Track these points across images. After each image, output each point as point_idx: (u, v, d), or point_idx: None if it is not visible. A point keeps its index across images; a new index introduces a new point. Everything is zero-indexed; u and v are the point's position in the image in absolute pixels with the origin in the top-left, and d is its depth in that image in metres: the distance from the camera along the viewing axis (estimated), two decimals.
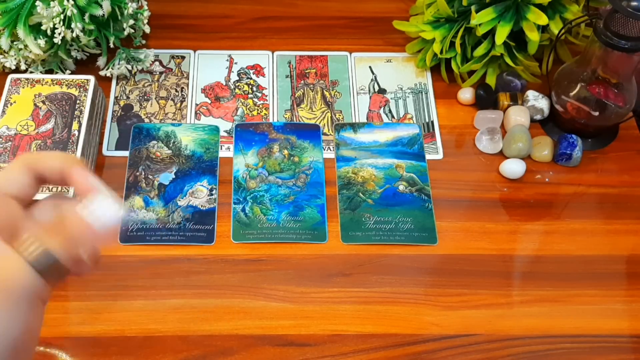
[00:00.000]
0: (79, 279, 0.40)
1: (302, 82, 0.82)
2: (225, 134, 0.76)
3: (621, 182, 0.75)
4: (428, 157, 0.75)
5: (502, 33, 0.74)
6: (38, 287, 0.32)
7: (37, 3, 0.69)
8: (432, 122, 0.79)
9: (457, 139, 0.78)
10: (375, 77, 0.83)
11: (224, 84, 0.82)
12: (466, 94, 0.80)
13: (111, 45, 0.78)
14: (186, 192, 0.71)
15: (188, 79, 0.82)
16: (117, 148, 0.75)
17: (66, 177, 0.36)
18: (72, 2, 0.70)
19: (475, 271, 0.67)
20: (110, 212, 0.31)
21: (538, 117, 0.78)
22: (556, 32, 0.75)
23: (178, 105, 0.79)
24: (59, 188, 0.62)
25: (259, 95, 0.81)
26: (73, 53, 0.79)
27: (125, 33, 0.78)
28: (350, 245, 0.68)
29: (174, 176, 0.72)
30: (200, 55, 0.84)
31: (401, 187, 0.73)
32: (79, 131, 0.70)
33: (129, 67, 0.80)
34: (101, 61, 0.80)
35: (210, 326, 0.63)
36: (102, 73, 0.80)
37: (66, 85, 0.74)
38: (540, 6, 0.74)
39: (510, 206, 0.72)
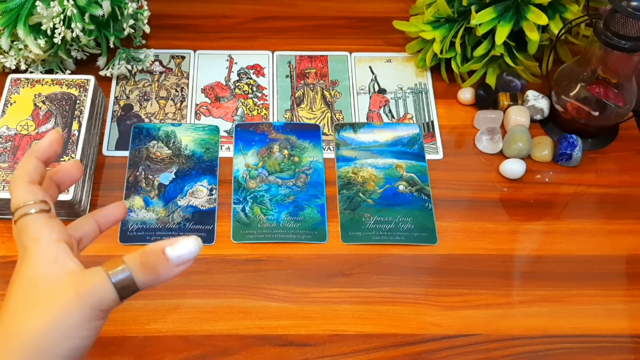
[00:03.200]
0: None
1: (302, 82, 0.82)
2: (225, 134, 0.76)
3: (621, 182, 0.75)
4: (428, 157, 0.75)
5: (502, 33, 0.74)
6: (113, 303, 0.35)
7: (37, 3, 0.69)
8: (432, 122, 0.79)
9: (457, 139, 0.78)
10: (375, 77, 0.83)
11: (224, 84, 0.82)
12: (466, 94, 0.80)
13: (111, 45, 0.78)
14: (186, 192, 0.71)
15: (188, 79, 0.82)
16: (117, 148, 0.75)
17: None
18: (72, 2, 0.70)
19: (475, 271, 0.67)
20: (190, 249, 0.35)
21: (538, 117, 0.78)
22: (556, 32, 0.75)
23: (178, 105, 0.79)
24: None
25: (259, 95, 0.81)
26: (73, 53, 0.79)
27: (125, 33, 0.78)
28: (350, 245, 0.68)
29: (174, 176, 0.72)
30: (200, 55, 0.84)
31: (401, 187, 0.73)
32: (79, 131, 0.70)
33: (129, 67, 0.80)
34: (101, 61, 0.80)
35: (210, 326, 0.63)
36: (102, 73, 0.80)
37: (66, 85, 0.74)
38: (540, 6, 0.74)
39: (510, 206, 0.72)
